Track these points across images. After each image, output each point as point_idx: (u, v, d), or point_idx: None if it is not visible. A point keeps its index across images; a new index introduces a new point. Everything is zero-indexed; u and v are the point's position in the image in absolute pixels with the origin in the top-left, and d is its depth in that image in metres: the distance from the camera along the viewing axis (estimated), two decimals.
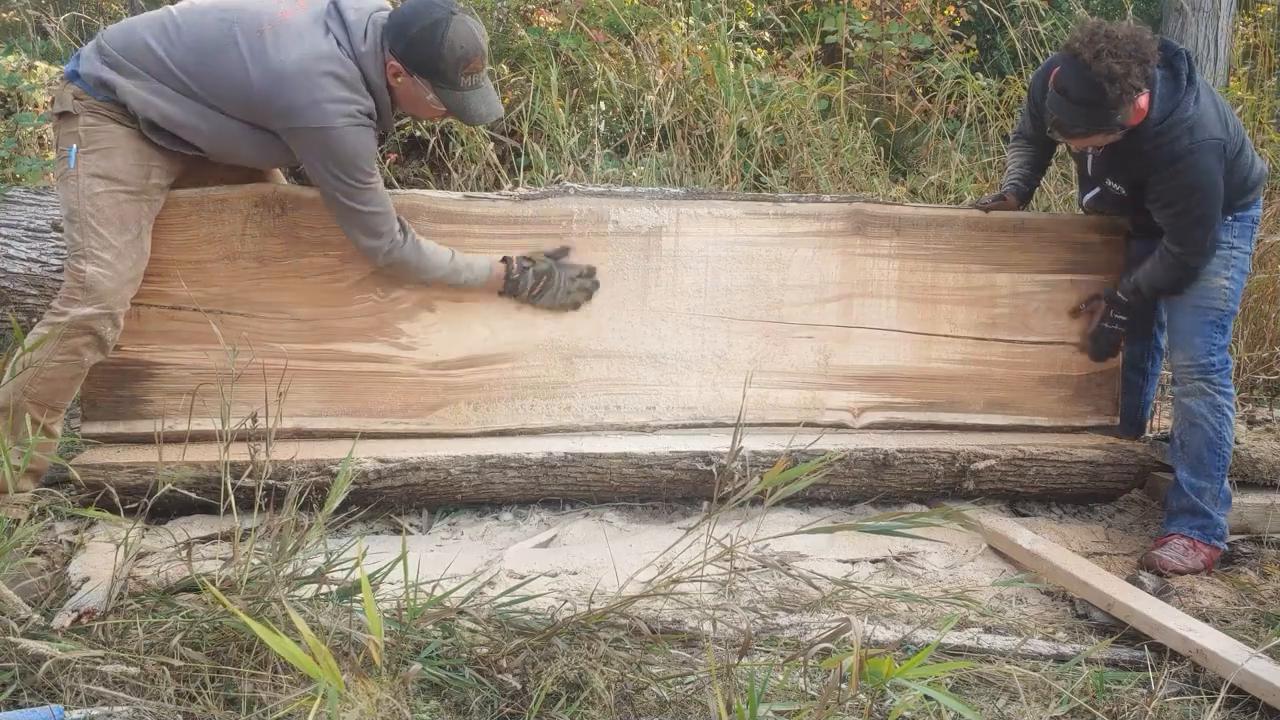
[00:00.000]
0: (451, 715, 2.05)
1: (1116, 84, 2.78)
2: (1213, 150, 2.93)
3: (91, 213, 2.70)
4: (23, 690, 1.95)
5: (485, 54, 2.76)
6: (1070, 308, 3.46)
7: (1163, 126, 2.92)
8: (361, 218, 2.82)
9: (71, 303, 2.72)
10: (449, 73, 2.71)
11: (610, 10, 5.39)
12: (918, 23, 5.96)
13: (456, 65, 2.70)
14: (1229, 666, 2.36)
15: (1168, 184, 2.99)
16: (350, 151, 2.71)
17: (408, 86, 2.76)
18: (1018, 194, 3.47)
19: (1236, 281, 3.11)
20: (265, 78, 2.66)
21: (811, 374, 3.37)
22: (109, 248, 2.72)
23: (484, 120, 2.89)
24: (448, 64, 2.70)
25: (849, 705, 1.86)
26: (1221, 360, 3.10)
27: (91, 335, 2.73)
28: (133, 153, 2.75)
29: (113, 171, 2.73)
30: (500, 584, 2.66)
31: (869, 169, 5.13)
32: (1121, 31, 2.84)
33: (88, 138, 2.73)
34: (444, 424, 3.15)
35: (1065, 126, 2.95)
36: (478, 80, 2.77)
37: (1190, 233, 3.03)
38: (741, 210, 3.30)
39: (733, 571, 2.35)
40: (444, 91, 2.75)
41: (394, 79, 2.76)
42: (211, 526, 2.85)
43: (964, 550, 3.10)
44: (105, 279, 2.72)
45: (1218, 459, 3.09)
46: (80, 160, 2.72)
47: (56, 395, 2.76)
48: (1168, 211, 3.04)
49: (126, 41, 2.74)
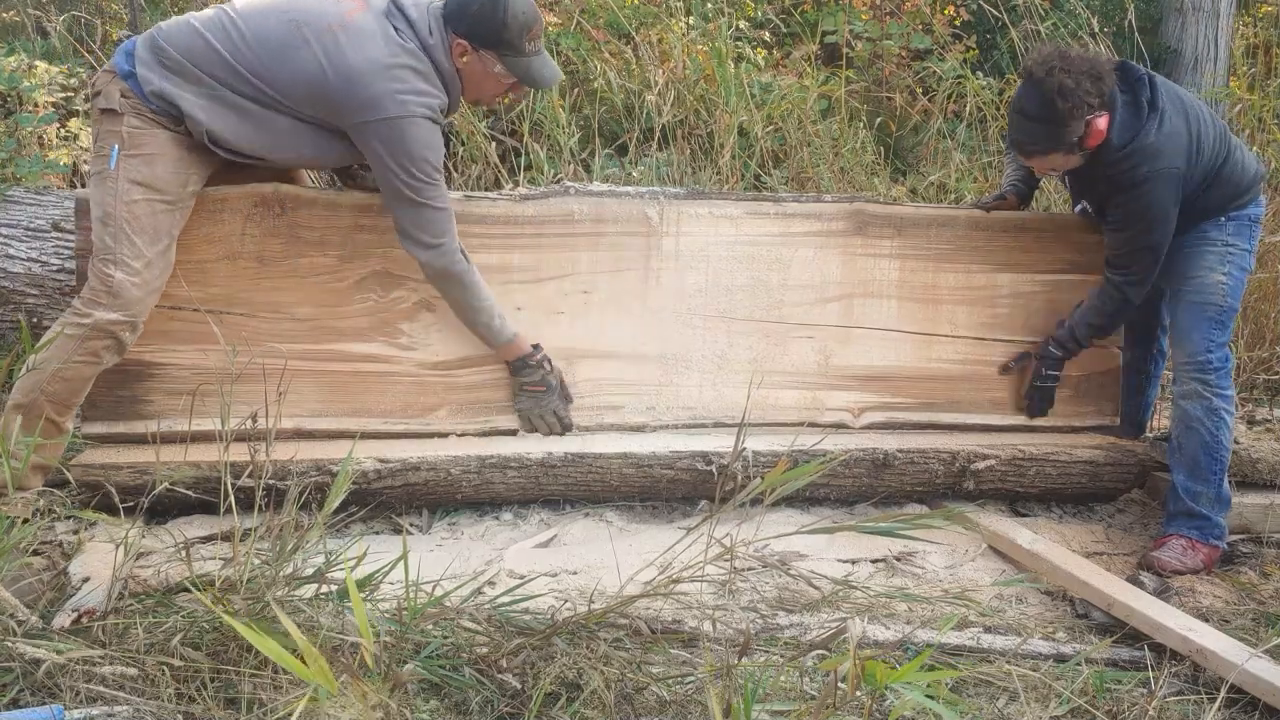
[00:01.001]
0: (451, 715, 2.05)
1: (1068, 98, 2.85)
2: (1169, 180, 2.98)
3: (128, 219, 2.72)
4: (23, 690, 1.95)
5: (541, 20, 2.86)
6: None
7: (1123, 153, 2.97)
8: (426, 214, 2.84)
9: (96, 305, 2.72)
10: (515, 40, 2.80)
11: (610, 10, 5.39)
12: (918, 22, 5.96)
13: (521, 32, 2.80)
14: (1229, 666, 2.35)
15: (1124, 209, 3.06)
16: (423, 144, 2.77)
17: (474, 64, 2.84)
18: (1018, 194, 3.49)
19: (1234, 278, 3.12)
20: (342, 75, 2.70)
21: (812, 374, 3.37)
22: (140, 257, 2.73)
23: (550, 83, 2.97)
24: (513, 32, 2.79)
25: (848, 706, 1.86)
26: (1220, 359, 3.10)
27: (112, 339, 2.75)
28: (174, 161, 2.77)
29: (153, 180, 2.74)
30: (500, 584, 2.66)
31: (869, 169, 5.12)
32: (1076, 53, 2.95)
33: (131, 141, 2.73)
34: (444, 424, 3.15)
35: (1024, 145, 3.02)
36: (539, 46, 2.87)
37: (1135, 257, 3.10)
38: (742, 210, 3.31)
39: (733, 571, 2.35)
40: (511, 60, 2.83)
41: (460, 59, 2.83)
42: (211, 526, 2.84)
43: (964, 550, 3.10)
44: (133, 287, 2.73)
45: (1214, 463, 3.09)
46: (122, 163, 2.72)
47: (72, 394, 2.78)
48: (1119, 235, 3.11)
49: (189, 44, 2.74)
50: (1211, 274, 3.10)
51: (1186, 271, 3.14)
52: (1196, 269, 3.12)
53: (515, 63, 2.84)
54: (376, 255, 3.08)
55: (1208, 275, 3.10)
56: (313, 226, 3.03)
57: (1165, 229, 3.04)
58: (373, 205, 3.08)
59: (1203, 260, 3.11)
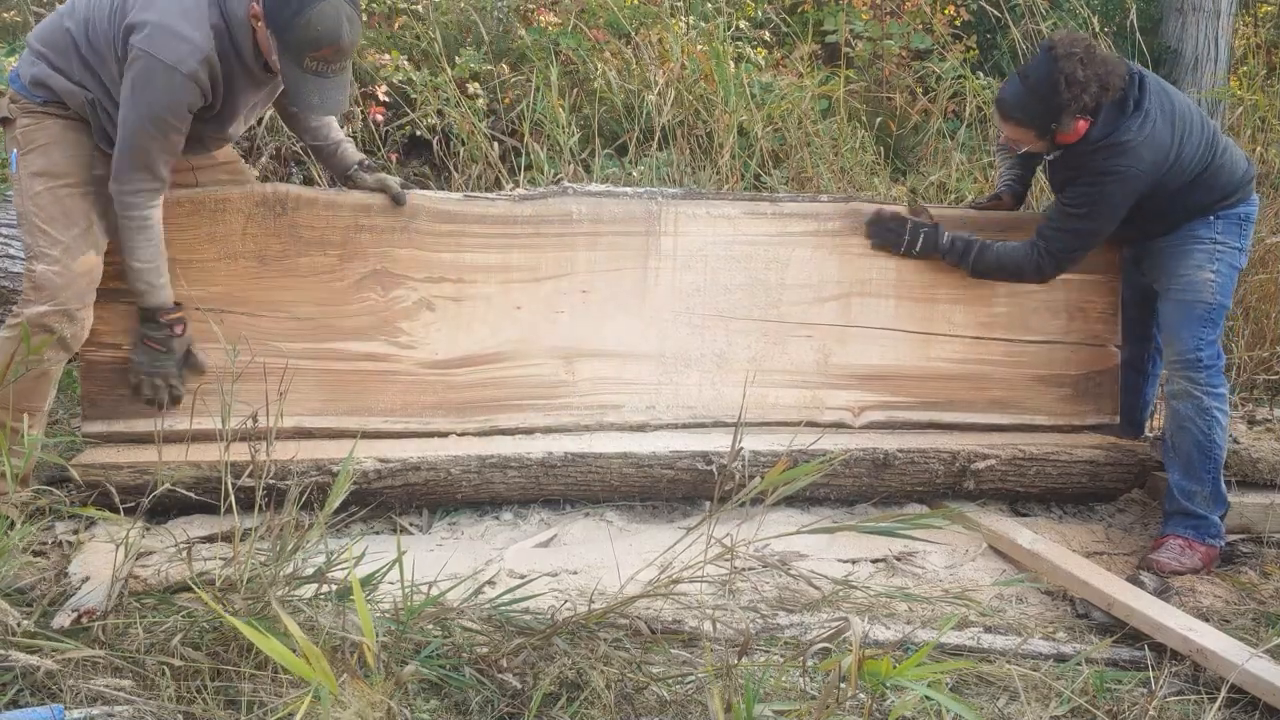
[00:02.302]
0: (451, 715, 2.05)
1: (1071, 89, 2.89)
2: (1130, 180, 3.01)
3: (34, 211, 2.71)
4: (23, 690, 1.95)
5: (341, 49, 2.62)
6: (1059, 307, 3.46)
7: (1098, 145, 3.01)
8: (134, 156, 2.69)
9: (26, 304, 2.73)
10: (294, 46, 2.60)
11: (610, 10, 5.39)
12: (918, 22, 5.95)
13: (304, 44, 2.59)
14: (1229, 666, 2.36)
15: (1078, 190, 3.10)
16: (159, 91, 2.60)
17: (263, 36, 2.65)
18: (1013, 194, 3.52)
19: (1224, 275, 3.12)
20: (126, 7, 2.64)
21: (811, 373, 3.37)
22: (56, 243, 2.72)
23: (313, 111, 2.77)
24: (296, 37, 2.59)
25: (849, 705, 1.86)
26: (1210, 356, 3.10)
27: (48, 333, 2.72)
28: (71, 145, 2.75)
29: (51, 167, 2.73)
30: (500, 583, 2.66)
31: (869, 169, 5.12)
32: (1101, 54, 2.97)
33: (25, 139, 2.74)
34: (444, 423, 3.15)
35: (1006, 106, 3.04)
36: (323, 69, 2.64)
37: (1064, 236, 3.16)
38: (739, 210, 3.31)
39: (733, 571, 2.35)
40: (286, 62, 2.63)
41: (254, 20, 2.65)
42: (212, 526, 2.84)
43: (964, 550, 3.10)
44: (55, 275, 2.72)
45: (1208, 461, 3.09)
46: (20, 163, 2.73)
47: (25, 397, 2.73)
48: (1061, 209, 3.16)
49: (50, 32, 2.76)
50: (1200, 271, 3.10)
51: (1175, 270, 3.14)
52: (1185, 267, 3.12)
53: (288, 68, 2.64)
54: (376, 255, 3.09)
55: (1196, 273, 3.11)
56: (313, 226, 3.03)
57: (1106, 223, 3.09)
58: (372, 205, 3.08)
59: (1191, 258, 3.12)
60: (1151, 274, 3.26)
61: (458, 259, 3.15)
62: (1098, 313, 3.48)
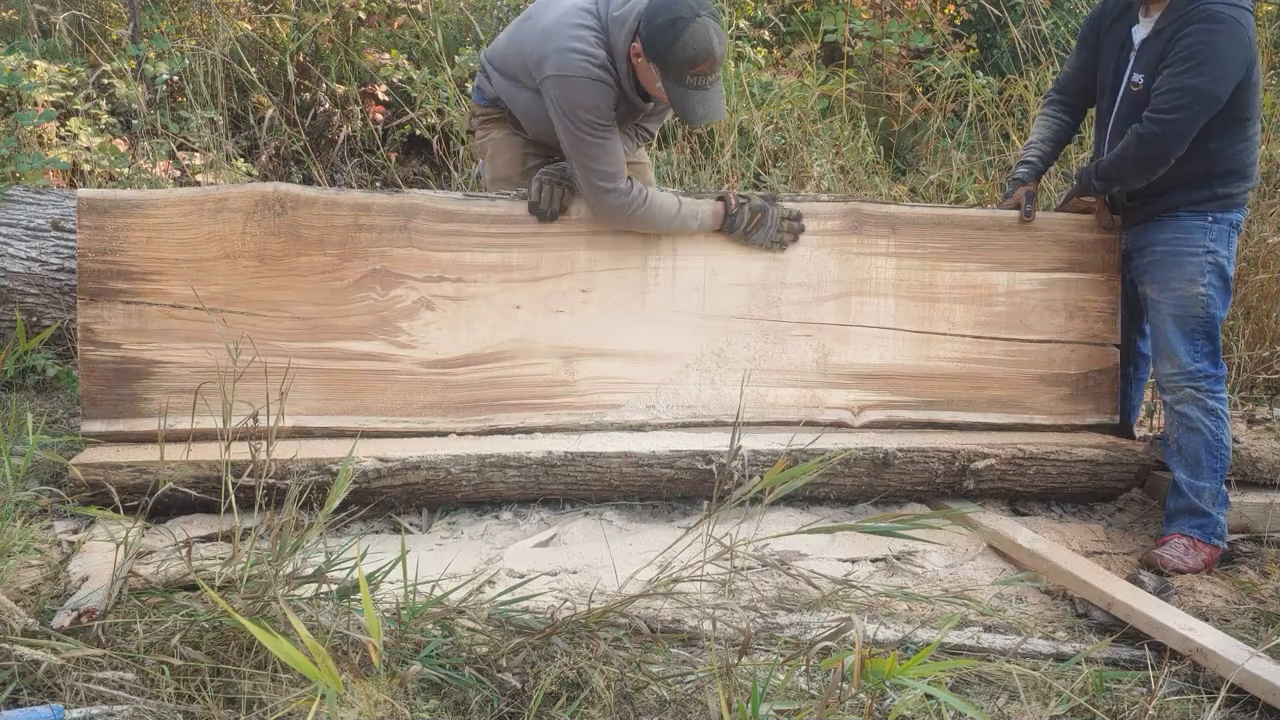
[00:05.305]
0: (451, 715, 2.05)
1: None
2: (1239, 29, 2.93)
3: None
4: (23, 690, 1.95)
5: (717, 60, 2.90)
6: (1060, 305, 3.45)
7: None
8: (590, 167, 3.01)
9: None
10: (676, 68, 2.89)
11: None
12: (918, 21, 5.95)
13: (684, 64, 2.87)
14: (1229, 666, 2.36)
15: (1185, 40, 2.97)
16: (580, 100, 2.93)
17: (644, 69, 2.96)
18: (1033, 172, 3.48)
19: (1215, 288, 3.11)
20: (534, 36, 3.01)
21: (810, 372, 3.37)
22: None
23: (699, 121, 3.06)
24: (677, 59, 2.87)
25: (849, 704, 1.86)
26: (1209, 367, 3.10)
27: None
28: (507, 148, 3.23)
29: (497, 173, 3.24)
30: (500, 583, 2.66)
31: (870, 168, 5.12)
32: None
33: (479, 150, 3.30)
34: (444, 422, 3.15)
35: None
36: (703, 82, 2.92)
37: (1175, 97, 2.98)
38: None
39: (732, 571, 2.35)
40: (669, 84, 2.93)
41: (635, 58, 2.96)
42: (212, 525, 2.84)
43: (964, 550, 3.10)
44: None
45: (1216, 460, 3.10)
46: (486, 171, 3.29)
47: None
48: (1171, 70, 2.99)
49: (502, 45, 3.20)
50: (1192, 286, 3.10)
51: (1167, 281, 3.14)
52: (1178, 280, 3.11)
53: (672, 88, 2.93)
54: (376, 254, 3.09)
55: (1188, 288, 3.10)
56: (313, 225, 3.03)
57: (1217, 77, 2.94)
58: (372, 205, 3.08)
59: (1183, 271, 3.11)
60: (1141, 275, 3.25)
61: (457, 258, 3.15)
62: (1097, 312, 3.48)
